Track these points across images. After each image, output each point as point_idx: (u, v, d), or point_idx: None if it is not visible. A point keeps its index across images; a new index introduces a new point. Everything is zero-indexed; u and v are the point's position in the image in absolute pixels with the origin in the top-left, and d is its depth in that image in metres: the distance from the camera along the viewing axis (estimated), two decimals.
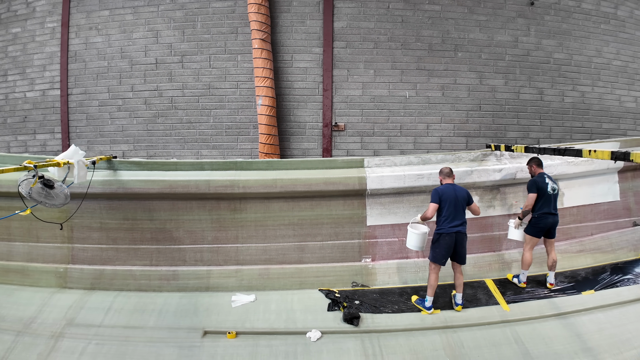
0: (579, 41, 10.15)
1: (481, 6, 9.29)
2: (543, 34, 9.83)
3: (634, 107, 10.71)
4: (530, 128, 9.75)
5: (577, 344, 5.30)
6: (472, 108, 9.27)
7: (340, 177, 6.27)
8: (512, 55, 9.55)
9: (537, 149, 5.67)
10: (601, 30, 10.38)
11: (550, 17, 9.89)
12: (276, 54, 8.38)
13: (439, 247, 5.40)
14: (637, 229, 7.08)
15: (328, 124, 8.54)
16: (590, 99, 10.22)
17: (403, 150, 8.92)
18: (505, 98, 9.50)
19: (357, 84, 8.66)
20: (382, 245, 6.47)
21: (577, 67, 10.12)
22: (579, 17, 10.15)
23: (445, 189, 5.44)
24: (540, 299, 5.92)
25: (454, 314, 5.59)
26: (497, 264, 6.58)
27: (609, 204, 7.18)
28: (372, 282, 6.23)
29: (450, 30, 9.08)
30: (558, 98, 9.93)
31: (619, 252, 6.88)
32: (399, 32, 8.80)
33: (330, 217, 6.38)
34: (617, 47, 10.54)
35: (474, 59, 9.24)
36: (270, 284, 6.12)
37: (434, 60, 9.00)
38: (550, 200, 5.81)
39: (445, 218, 5.36)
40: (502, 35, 9.46)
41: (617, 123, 10.52)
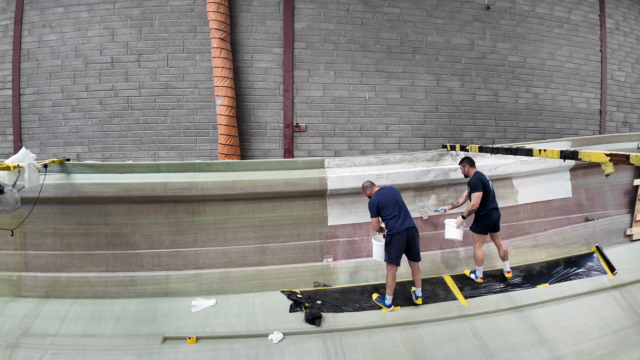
0: (533, 44, 10.50)
1: (439, 10, 9.48)
2: (498, 38, 10.11)
3: (586, 108, 11.16)
4: (486, 128, 10.02)
5: (534, 336, 5.55)
6: (429, 109, 9.46)
7: (301, 178, 6.28)
8: (469, 58, 9.78)
9: (491, 148, 5.82)
10: (554, 34, 10.76)
11: (505, 21, 10.18)
12: (236, 54, 8.30)
13: (392, 248, 5.49)
14: (589, 224, 7.40)
15: (289, 125, 8.54)
16: (543, 100, 10.59)
17: (363, 150, 9.01)
18: (461, 99, 9.74)
19: (318, 84, 8.69)
20: (343, 245, 6.54)
21: (531, 70, 10.47)
22: (533, 21, 10.50)
23: (379, 196, 5.57)
24: (497, 293, 6.14)
25: (414, 311, 5.71)
26: (454, 260, 6.77)
27: (561, 201, 7.47)
28: (334, 282, 6.29)
29: (408, 33, 9.23)
30: (512, 99, 10.25)
31: (572, 247, 7.19)
32: (358, 34, 8.88)
33: (291, 218, 6.39)
34: (570, 50, 10.95)
35: (431, 61, 9.42)
36: (231, 288, 6.07)
37: (392, 63, 9.12)
38: (492, 196, 6.02)
39: (392, 219, 5.48)
40: (459, 38, 9.69)
41: (569, 123, 10.94)
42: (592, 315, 5.98)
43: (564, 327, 5.74)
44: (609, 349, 5.56)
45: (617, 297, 6.31)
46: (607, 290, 6.40)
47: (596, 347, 5.53)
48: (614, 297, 6.30)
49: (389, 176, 6.47)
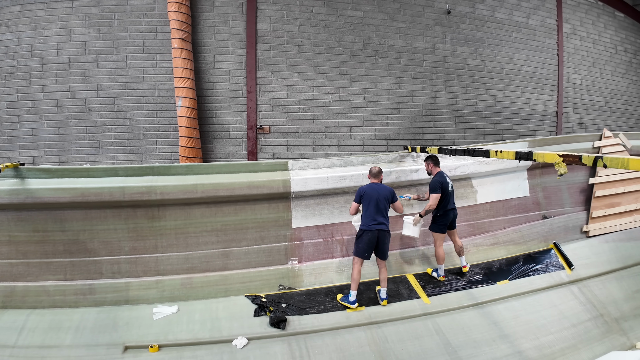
0: (492, 48, 10.78)
1: (401, 13, 9.62)
2: (458, 42, 10.34)
3: (543, 110, 11.53)
4: (446, 130, 10.22)
5: (495, 331, 5.64)
6: (391, 112, 9.58)
7: (265, 181, 6.20)
8: (430, 62, 9.96)
9: (449, 150, 5.97)
10: (513, 38, 11.09)
11: (465, 25, 10.42)
12: (197, 54, 8.18)
13: (361, 243, 5.57)
14: (547, 221, 7.59)
15: (253, 127, 8.46)
16: (501, 102, 10.89)
17: (328, 152, 9.03)
18: (422, 102, 9.90)
19: (282, 86, 8.66)
20: (308, 247, 6.48)
21: (490, 73, 10.74)
22: (492, 25, 10.78)
23: (368, 188, 5.64)
24: (459, 291, 6.23)
25: (378, 310, 5.72)
26: (417, 258, 6.82)
27: (519, 199, 7.64)
28: (299, 284, 6.22)
29: (371, 36, 9.33)
30: (472, 102, 10.50)
31: (531, 244, 7.35)
32: (322, 36, 8.91)
33: (255, 221, 6.29)
34: (528, 54, 11.30)
35: (393, 64, 9.54)
36: (193, 294, 5.91)
37: (355, 65, 9.20)
38: (450, 197, 6.16)
39: (367, 216, 5.56)
40: (420, 42, 9.85)
41: (527, 124, 11.29)
42: (552, 310, 6.14)
43: (524, 321, 5.87)
44: (569, 342, 5.71)
45: (575, 291, 6.50)
46: (565, 285, 6.57)
47: (556, 341, 5.67)
48: (572, 292, 6.48)
49: (352, 178, 6.47)
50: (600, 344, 5.80)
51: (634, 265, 7.07)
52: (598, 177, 7.81)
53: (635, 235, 7.49)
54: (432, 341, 5.40)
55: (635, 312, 6.41)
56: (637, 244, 7.38)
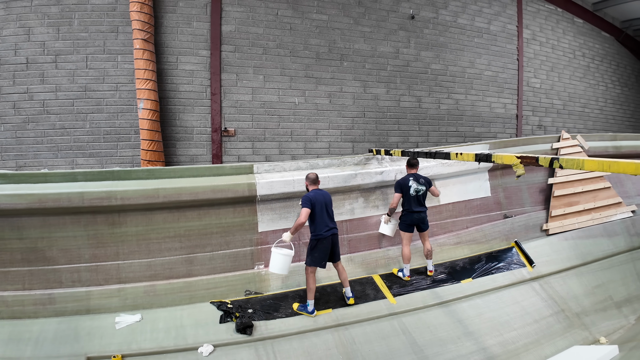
0: (454, 53, 11.04)
1: (366, 18, 9.73)
2: (422, 46, 10.53)
3: (503, 113, 11.89)
4: (410, 133, 10.38)
5: (460, 329, 5.70)
6: (357, 115, 9.66)
7: (229, 184, 6.07)
8: (394, 66, 10.10)
9: (412, 152, 6.08)
10: (475, 44, 11.39)
11: (429, 30, 10.63)
12: (160, 55, 8.05)
13: (318, 252, 5.47)
14: (508, 220, 7.73)
15: (217, 129, 8.36)
16: (463, 106, 11.16)
17: (294, 155, 9.01)
18: (387, 105, 10.04)
19: (247, 88, 8.61)
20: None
21: (452, 77, 10.99)
22: (455, 31, 11.04)
23: (315, 195, 5.53)
24: (424, 290, 6.25)
25: (345, 311, 5.68)
26: (383, 259, 6.82)
27: (481, 200, 7.78)
28: (266, 289, 6.12)
29: (336, 40, 9.39)
30: (435, 105, 10.71)
31: (493, 242, 7.47)
32: (287, 39, 8.91)
33: (219, 225, 6.16)
34: (489, 58, 11.63)
35: (358, 68, 9.64)
36: (157, 301, 5.73)
37: (321, 69, 9.24)
38: (411, 200, 6.22)
39: (320, 222, 5.47)
40: (384, 46, 9.98)
41: (488, 127, 11.60)
42: (514, 307, 6.24)
43: (488, 319, 5.95)
44: (532, 337, 5.81)
45: (536, 288, 6.64)
46: (527, 282, 6.69)
47: (519, 337, 5.77)
48: (533, 289, 6.62)
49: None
50: (563, 338, 5.93)
51: (593, 261, 7.30)
52: (556, 177, 8.05)
53: (593, 232, 7.72)
54: (398, 341, 5.41)
55: (596, 307, 6.61)
56: (595, 241, 7.61)
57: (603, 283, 7.04)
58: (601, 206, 8.07)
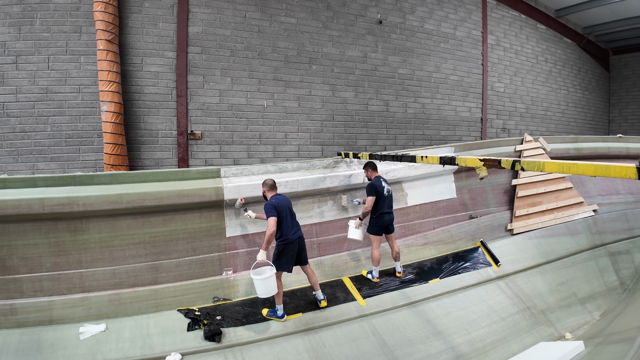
0: (421, 58, 11.21)
1: (334, 22, 9.78)
2: (389, 51, 10.65)
3: (468, 116, 12.17)
4: (378, 136, 10.49)
5: (429, 329, 5.76)
6: (326, 118, 9.69)
7: (196, 189, 5.94)
8: (362, 70, 10.19)
9: (379, 155, 6.11)
10: (441, 49, 11.61)
11: (396, 35, 10.76)
12: (125, 57, 7.86)
13: (285, 256, 5.43)
14: (473, 221, 7.90)
15: (183, 132, 8.22)
16: (430, 110, 11.35)
17: (263, 158, 8.95)
18: (355, 109, 10.11)
19: (214, 91, 8.50)
20: (243, 256, 6.28)
21: (419, 82, 11.16)
22: (421, 36, 11.22)
23: (278, 200, 5.49)
24: (393, 291, 6.30)
25: (315, 315, 5.66)
26: (352, 262, 6.84)
27: (447, 201, 7.92)
28: (235, 295, 6.02)
29: (305, 43, 9.40)
30: (402, 109, 10.85)
31: (459, 242, 7.61)
32: (255, 41, 8.86)
33: (186, 231, 6.02)
34: (454, 63, 11.87)
35: (327, 72, 9.67)
36: (122, 310, 5.56)
37: (290, 72, 9.23)
38: (385, 201, 6.28)
39: (286, 227, 5.43)
40: (352, 50, 10.05)
41: (454, 130, 11.83)
42: (481, 305, 6.37)
43: (456, 317, 6.05)
44: (499, 335, 5.94)
45: (502, 286, 6.79)
46: (493, 281, 6.86)
47: (487, 335, 5.89)
48: (499, 287, 6.77)
49: (287, 184, 6.41)
50: (529, 335, 6.08)
51: (556, 259, 7.54)
52: (520, 178, 8.27)
53: (556, 231, 7.97)
54: (368, 342, 5.42)
55: (561, 304, 6.80)
56: (558, 239, 7.86)
57: (567, 280, 7.26)
58: (563, 206, 8.33)
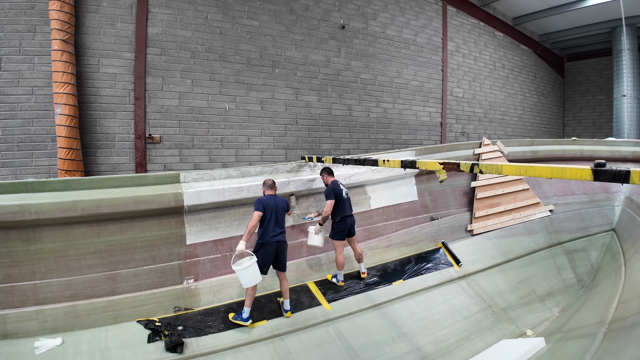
0: (382, 63, 11.35)
1: (297, 26, 9.78)
2: (352, 56, 10.74)
3: (428, 121, 12.42)
4: (342, 140, 10.53)
5: (394, 330, 5.79)
6: (289, 122, 9.66)
7: (154, 195, 5.73)
8: (325, 74, 10.22)
9: (343, 159, 6.11)
10: (402, 54, 11.80)
11: (358, 40, 10.86)
12: (80, 58, 7.58)
13: (260, 257, 5.34)
14: (434, 222, 8.03)
15: (141, 136, 7.99)
16: (391, 114, 11.50)
17: (225, 163, 8.82)
18: (319, 113, 10.13)
19: (174, 93, 8.32)
20: (204, 264, 6.11)
21: (381, 87, 11.29)
22: (383, 42, 11.37)
23: (268, 199, 5.50)
24: (358, 294, 6.30)
25: (280, 322, 5.57)
26: (317, 266, 6.79)
27: (409, 204, 8.01)
28: (197, 304, 5.84)
29: (268, 46, 9.35)
30: (364, 113, 10.95)
31: (421, 244, 7.70)
32: (217, 43, 8.74)
33: (144, 239, 5.79)
34: (415, 69, 12.09)
35: (290, 75, 9.65)
36: (79, 323, 5.31)
37: (252, 75, 9.15)
38: (345, 204, 6.32)
39: (266, 228, 5.40)
40: (316, 54, 10.07)
41: (415, 134, 12.03)
42: (444, 305, 6.47)
43: (420, 318, 6.11)
44: (462, 334, 6.04)
45: (464, 286, 6.92)
46: (455, 281, 6.97)
47: (450, 334, 5.97)
48: (461, 287, 6.90)
49: (250, 189, 6.29)
50: (491, 333, 6.21)
51: (515, 258, 7.76)
52: (478, 180, 8.48)
53: (514, 231, 8.20)
54: (334, 347, 5.39)
55: (521, 302, 6.99)
56: (517, 239, 8.10)
57: (526, 278, 7.47)
58: (521, 206, 8.58)
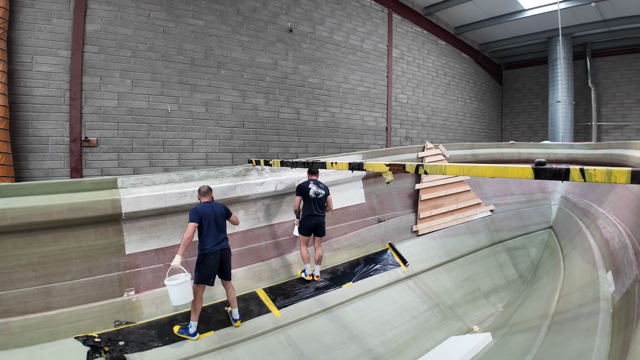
0: (330, 68, 11.41)
1: (244, 27, 9.63)
2: (300, 60, 10.72)
3: (374, 125, 12.61)
4: (290, 144, 10.47)
5: (345, 333, 5.74)
6: (236, 125, 9.47)
7: (89, 202, 5.34)
8: (272, 77, 10.14)
9: (290, 162, 6.03)
10: (349, 60, 11.92)
11: (306, 45, 10.86)
12: (12, 55, 7.09)
13: (204, 268, 5.14)
14: (382, 224, 8.11)
15: (77, 139, 7.56)
16: (339, 119, 11.58)
17: (167, 167, 8.51)
18: (266, 116, 10.01)
19: (112, 93, 7.93)
20: (146, 274, 5.77)
21: (329, 91, 11.34)
22: (330, 47, 11.43)
23: (204, 207, 5.26)
24: (308, 298, 6.20)
25: (228, 332, 5.35)
26: (266, 272, 6.63)
27: (357, 206, 8.07)
28: (139, 317, 5.49)
29: (213, 47, 9.14)
30: (312, 117, 10.95)
31: (369, 246, 7.76)
32: (160, 42, 8.43)
33: (80, 249, 5.38)
34: (362, 75, 12.24)
35: (236, 77, 9.48)
36: (13, 341, 4.87)
37: (196, 75, 8.89)
38: (312, 203, 6.37)
39: (207, 237, 5.19)
40: (263, 57, 9.96)
41: (362, 139, 12.19)
42: (393, 305, 6.51)
43: (370, 320, 6.11)
44: (412, 333, 6.09)
45: (412, 285, 7.01)
46: (402, 280, 7.05)
47: (400, 334, 6.01)
48: (409, 287, 6.98)
49: (194, 194, 5.99)
50: (440, 331, 6.32)
51: (459, 257, 8.00)
52: (422, 183, 8.71)
53: (458, 231, 8.47)
54: (285, 354, 5.26)
55: (467, 299, 7.18)
56: (460, 238, 8.36)
57: (470, 276, 7.68)
58: (463, 207, 8.85)
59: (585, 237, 6.71)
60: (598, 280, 4.90)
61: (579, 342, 3.90)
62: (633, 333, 2.96)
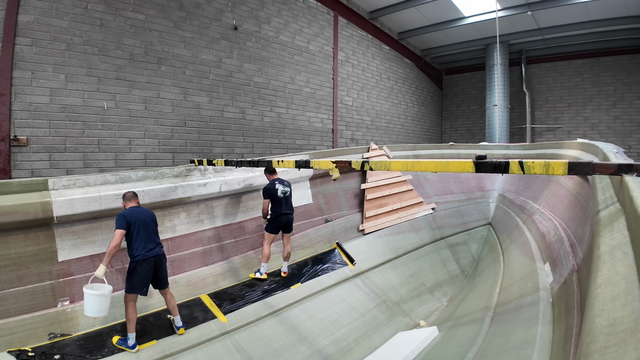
0: (276, 68, 11.32)
1: (187, 23, 9.34)
2: (245, 58, 10.54)
3: (321, 127, 12.66)
4: (235, 144, 10.26)
5: (294, 335, 5.69)
6: (177, 123, 9.14)
7: (17, 205, 4.98)
8: (216, 75, 9.90)
9: (235, 162, 5.91)
10: (295, 61, 11.87)
11: (251, 43, 10.71)
12: None
13: (137, 276, 4.86)
14: (329, 224, 8.20)
15: (5, 138, 6.99)
16: (285, 119, 11.51)
17: (103, 167, 8.06)
18: (210, 115, 9.75)
19: (45, 89, 7.40)
20: (81, 283, 5.34)
21: (274, 91, 11.24)
22: (276, 47, 11.34)
23: (132, 212, 5.00)
24: (255, 302, 6.10)
25: (172, 340, 5.13)
26: (211, 277, 6.41)
27: (305, 207, 8.09)
28: (75, 328, 5.12)
29: (154, 42, 8.78)
30: (258, 117, 10.81)
31: (317, 246, 7.81)
32: (97, 36, 7.98)
33: (8, 257, 4.98)
34: (308, 76, 12.24)
35: (178, 74, 9.16)
36: None
37: (135, 72, 8.49)
38: (281, 203, 6.46)
39: (139, 243, 4.92)
40: (206, 54, 9.71)
41: (308, 140, 12.18)
42: (342, 304, 6.57)
43: (319, 320, 6.12)
44: (361, 331, 6.16)
45: (359, 284, 7.09)
46: (350, 279, 7.14)
47: (349, 333, 6.06)
48: (357, 285, 7.07)
49: None
50: (388, 327, 6.43)
51: (404, 254, 8.23)
52: (368, 183, 8.89)
53: (402, 229, 8.70)
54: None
55: (412, 294, 7.34)
56: (404, 236, 8.59)
57: (415, 272, 7.87)
58: (406, 206, 9.09)
59: (522, 232, 7.00)
60: (537, 272, 5.11)
61: (522, 331, 4.03)
62: (579, 317, 3.06)
